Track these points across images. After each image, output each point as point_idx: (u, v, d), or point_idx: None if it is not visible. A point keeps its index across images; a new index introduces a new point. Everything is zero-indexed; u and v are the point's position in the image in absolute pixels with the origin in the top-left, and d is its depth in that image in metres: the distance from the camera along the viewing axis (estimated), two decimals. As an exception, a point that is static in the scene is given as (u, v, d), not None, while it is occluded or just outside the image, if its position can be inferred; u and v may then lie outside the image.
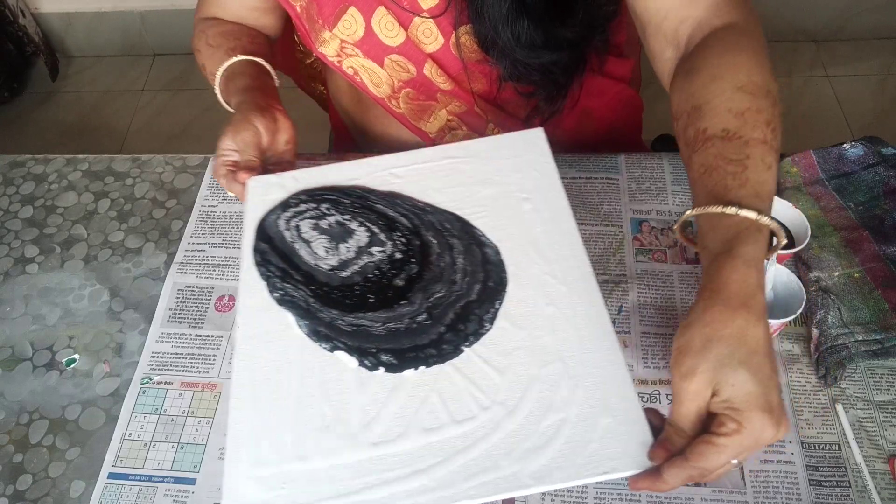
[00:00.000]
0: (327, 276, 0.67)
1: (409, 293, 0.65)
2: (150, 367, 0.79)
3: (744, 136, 0.57)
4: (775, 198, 0.77)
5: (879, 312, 0.74)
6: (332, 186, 0.75)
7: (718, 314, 0.50)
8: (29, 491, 0.72)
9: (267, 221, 0.72)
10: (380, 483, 0.53)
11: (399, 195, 0.73)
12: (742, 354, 0.48)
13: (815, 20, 2.06)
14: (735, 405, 0.48)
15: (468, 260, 0.67)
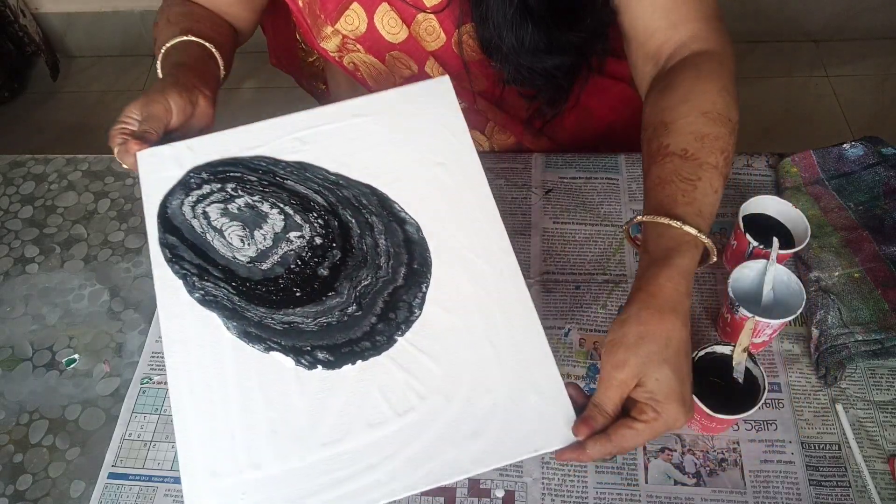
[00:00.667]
0: (247, 269, 0.64)
1: (335, 283, 0.63)
2: (150, 367, 0.79)
3: (700, 158, 0.63)
4: (775, 197, 0.78)
5: (879, 312, 0.74)
6: (235, 159, 0.69)
7: (651, 316, 0.56)
8: (29, 491, 0.72)
9: (170, 209, 0.67)
10: (333, 483, 0.55)
11: (309, 166, 0.68)
12: (668, 354, 0.55)
13: (815, 20, 2.06)
14: (657, 397, 0.55)
15: (390, 240, 0.65)
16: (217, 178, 0.68)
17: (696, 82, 0.69)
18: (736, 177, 0.90)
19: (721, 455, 0.70)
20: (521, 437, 0.56)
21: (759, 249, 0.74)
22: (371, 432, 0.57)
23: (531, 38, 0.75)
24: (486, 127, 0.94)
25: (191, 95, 0.73)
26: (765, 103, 1.96)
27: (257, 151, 0.69)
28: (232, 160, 0.69)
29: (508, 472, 0.70)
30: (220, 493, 0.55)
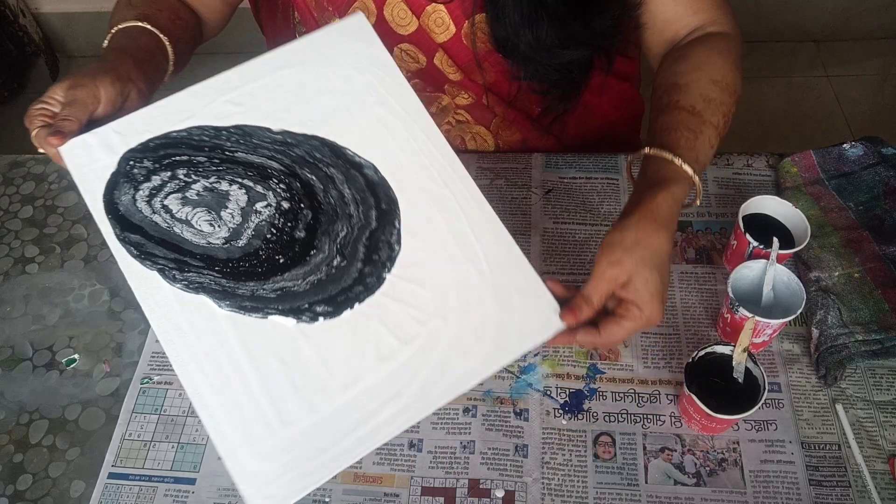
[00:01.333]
0: (225, 251, 0.63)
1: (314, 241, 0.64)
2: (150, 367, 0.79)
3: (704, 116, 0.71)
4: (775, 198, 0.78)
5: (879, 312, 0.74)
6: (171, 136, 0.66)
7: (648, 227, 0.63)
8: (29, 491, 0.72)
9: (122, 205, 0.64)
10: (364, 418, 0.58)
11: (250, 129, 0.67)
12: (657, 261, 0.62)
13: (815, 20, 2.06)
14: (643, 296, 0.61)
15: (354, 187, 0.66)
16: (164, 165, 0.66)
17: (710, 55, 0.76)
18: (736, 177, 0.90)
19: (721, 455, 0.70)
20: (516, 335, 0.61)
21: (759, 249, 0.74)
22: (384, 365, 0.60)
23: (548, 35, 0.75)
24: (491, 123, 0.93)
25: (124, 87, 0.68)
26: (765, 103, 1.96)
27: (190, 122, 0.67)
28: (171, 139, 0.66)
29: (508, 471, 0.70)
30: (264, 457, 0.57)
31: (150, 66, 0.74)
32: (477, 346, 0.61)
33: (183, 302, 0.61)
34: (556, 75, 0.81)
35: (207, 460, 0.72)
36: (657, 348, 0.77)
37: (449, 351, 0.60)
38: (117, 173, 0.65)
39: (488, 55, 0.84)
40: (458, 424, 0.73)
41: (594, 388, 0.74)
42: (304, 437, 0.57)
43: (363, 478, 0.71)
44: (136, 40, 0.74)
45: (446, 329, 0.61)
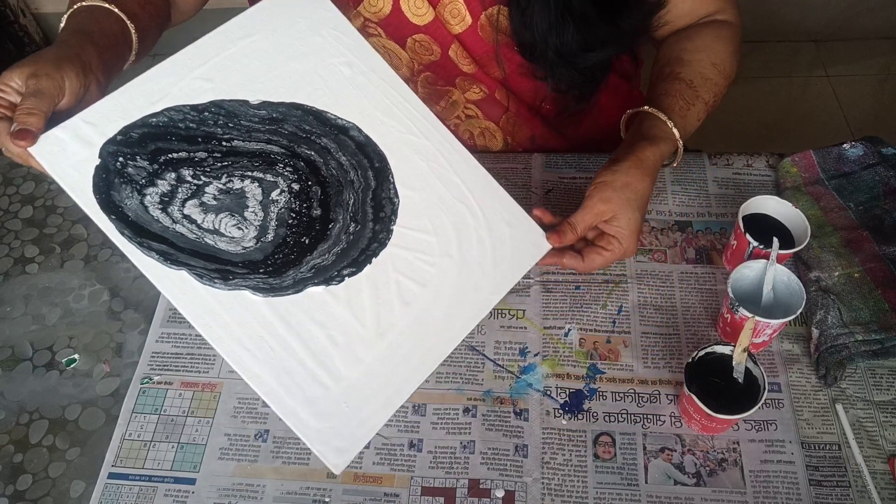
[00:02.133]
0: (260, 250, 0.65)
1: (330, 214, 0.67)
2: (150, 367, 0.79)
3: (699, 92, 0.80)
4: (775, 197, 0.78)
5: (879, 312, 0.74)
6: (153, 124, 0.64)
7: (637, 173, 0.73)
8: (29, 491, 0.72)
9: (129, 210, 0.62)
10: (403, 359, 0.64)
11: (232, 108, 0.67)
12: (640, 203, 0.73)
13: (815, 20, 2.06)
14: (624, 232, 0.72)
15: (347, 153, 0.69)
16: (162, 164, 0.65)
17: (714, 41, 0.84)
18: (736, 177, 0.90)
19: (721, 455, 0.70)
20: (513, 261, 0.70)
21: (759, 249, 0.74)
22: (409, 308, 0.66)
23: (573, 39, 0.76)
24: (501, 118, 0.93)
25: (87, 78, 0.63)
26: (765, 103, 1.96)
27: (163, 104, 0.65)
28: (153, 126, 0.64)
29: (508, 471, 0.70)
30: (324, 414, 0.61)
31: (112, 54, 0.69)
32: (483, 277, 0.69)
33: (222, 300, 0.63)
34: (580, 78, 0.82)
35: (207, 460, 0.72)
36: (657, 348, 0.77)
37: (459, 284, 0.68)
38: (104, 169, 0.63)
39: (505, 47, 0.84)
40: (458, 424, 0.73)
41: (594, 388, 0.74)
42: (355, 387, 0.62)
43: (363, 478, 0.71)
44: (100, 24, 0.69)
45: (452, 266, 0.68)
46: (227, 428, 0.74)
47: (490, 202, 0.71)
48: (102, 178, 0.63)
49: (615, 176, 0.72)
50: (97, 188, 0.62)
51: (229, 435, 0.73)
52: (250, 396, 0.76)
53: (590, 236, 0.76)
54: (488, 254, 0.70)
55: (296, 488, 0.70)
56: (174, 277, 0.62)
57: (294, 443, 0.73)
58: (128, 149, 0.64)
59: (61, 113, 0.62)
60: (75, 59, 0.63)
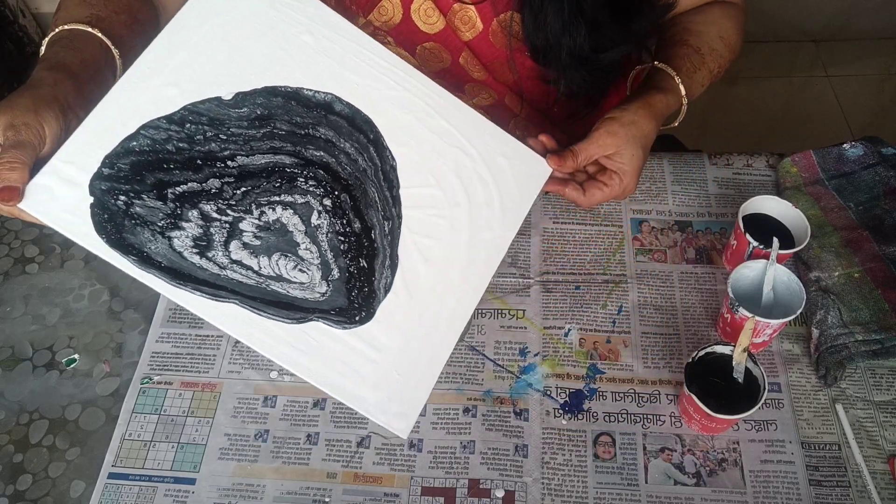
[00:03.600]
0: (338, 292, 0.65)
1: (367, 221, 0.67)
2: (150, 367, 0.79)
3: (706, 59, 0.82)
4: (775, 197, 0.78)
5: (879, 312, 0.74)
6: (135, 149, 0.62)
7: (645, 114, 0.74)
8: (29, 491, 0.72)
9: (167, 260, 0.61)
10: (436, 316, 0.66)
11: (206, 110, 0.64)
12: (645, 142, 0.74)
13: (815, 20, 2.06)
14: (626, 168, 0.73)
15: (345, 137, 0.68)
16: (173, 199, 0.62)
17: (722, 18, 0.87)
18: (736, 177, 0.90)
19: (721, 455, 0.70)
20: (517, 192, 0.71)
21: (759, 249, 0.74)
22: (431, 266, 0.67)
23: (586, 40, 0.76)
24: (510, 123, 0.93)
25: (66, 119, 0.60)
26: (765, 103, 1.96)
27: (135, 122, 0.62)
28: (137, 152, 0.62)
29: (508, 471, 0.70)
30: (377, 386, 0.63)
31: (94, 86, 0.65)
32: (492, 216, 0.70)
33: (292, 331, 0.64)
34: (592, 79, 0.82)
35: (207, 460, 0.72)
36: (657, 348, 0.77)
37: (473, 230, 0.69)
38: (101, 207, 0.60)
39: (516, 52, 0.84)
40: (458, 424, 0.73)
41: (594, 388, 0.74)
42: (401, 354, 0.64)
43: (363, 478, 0.71)
44: (81, 53, 0.65)
45: (462, 211, 0.69)
46: (227, 428, 0.74)
47: (483, 139, 0.71)
48: (105, 218, 0.60)
49: (623, 113, 0.73)
50: (100, 228, 0.60)
51: (229, 435, 0.73)
52: (250, 396, 0.76)
53: (591, 170, 0.76)
54: (493, 192, 0.70)
55: (296, 488, 0.70)
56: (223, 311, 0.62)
57: (294, 443, 0.73)
58: (125, 185, 0.61)
59: (42, 159, 0.59)
60: (52, 102, 0.59)
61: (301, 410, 0.75)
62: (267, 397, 0.76)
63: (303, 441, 0.73)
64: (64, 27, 0.66)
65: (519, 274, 0.82)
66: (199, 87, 0.65)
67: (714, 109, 1.90)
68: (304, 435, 0.73)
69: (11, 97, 0.59)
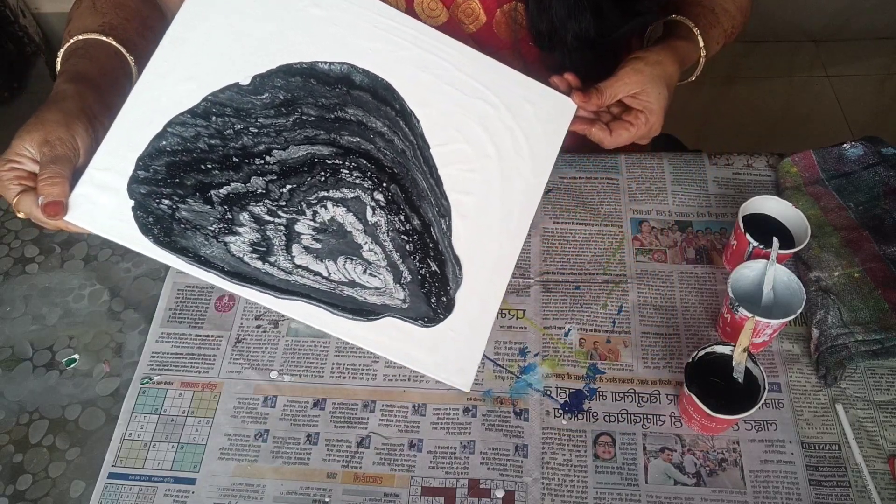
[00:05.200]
0: (418, 297, 0.66)
1: (422, 214, 0.67)
2: (150, 367, 0.79)
3: (720, 19, 0.83)
4: (775, 197, 0.78)
5: (879, 312, 0.74)
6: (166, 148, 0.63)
7: (668, 57, 0.75)
8: (29, 491, 0.72)
9: (229, 265, 0.62)
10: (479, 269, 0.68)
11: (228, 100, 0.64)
12: (670, 81, 0.75)
13: (815, 20, 2.05)
14: (652, 107, 0.73)
15: (374, 114, 0.67)
16: (221, 202, 0.63)
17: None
18: (736, 177, 0.90)
19: (721, 455, 0.70)
20: (544, 136, 0.71)
21: (759, 249, 0.74)
22: (468, 221, 0.68)
23: (591, 22, 0.76)
24: None
25: (95, 130, 0.62)
26: (765, 103, 1.96)
27: (160, 121, 0.63)
28: (168, 151, 0.62)
29: (508, 471, 0.70)
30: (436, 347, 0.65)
31: (113, 94, 0.66)
32: (523, 162, 0.69)
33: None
34: (597, 63, 0.81)
35: (207, 460, 0.72)
36: (657, 348, 0.77)
37: (505, 179, 0.69)
38: (144, 210, 0.61)
39: (522, 42, 0.84)
40: (458, 424, 0.73)
41: (594, 388, 0.74)
42: (452, 312, 0.66)
43: (363, 478, 0.71)
44: (99, 63, 0.67)
45: (494, 164, 0.69)
46: (227, 428, 0.74)
47: (504, 86, 0.70)
48: (150, 221, 0.62)
49: (648, 53, 0.74)
50: (146, 230, 0.61)
51: (229, 435, 0.73)
52: (250, 396, 0.76)
53: (614, 111, 0.76)
54: (520, 138, 0.70)
55: (296, 488, 0.70)
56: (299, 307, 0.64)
57: (294, 443, 0.73)
58: (165, 188, 0.62)
59: (78, 170, 0.61)
60: (80, 114, 0.61)
61: (301, 410, 0.75)
62: (267, 397, 0.76)
63: (303, 441, 0.73)
64: (78, 37, 0.68)
65: (519, 274, 0.82)
66: (217, 77, 0.65)
67: (714, 109, 1.90)
68: (304, 435, 0.73)
69: (40, 114, 0.61)
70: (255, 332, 0.80)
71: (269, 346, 0.79)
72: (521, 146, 0.70)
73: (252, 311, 0.81)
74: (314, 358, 0.78)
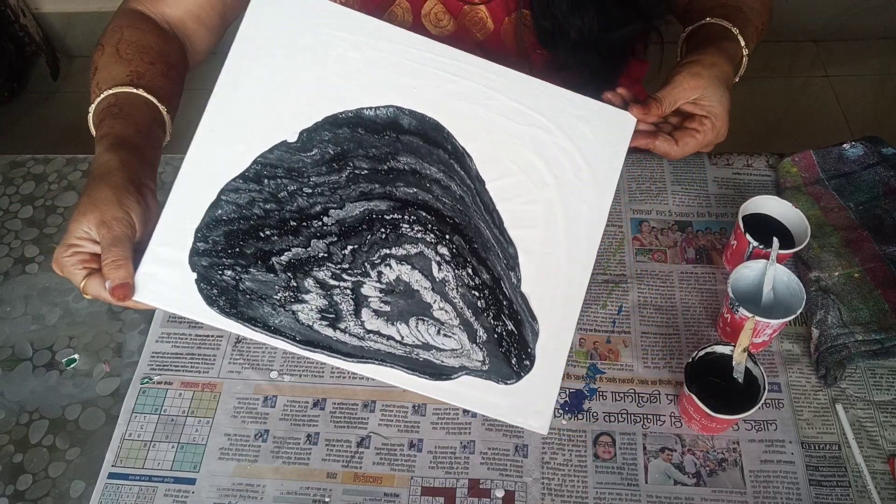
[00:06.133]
0: (498, 357, 0.63)
1: (490, 268, 0.64)
2: (150, 367, 0.79)
3: (749, 16, 0.78)
4: (775, 197, 0.78)
5: (879, 312, 0.74)
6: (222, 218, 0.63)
7: (721, 59, 0.70)
8: (29, 491, 0.72)
9: (301, 335, 0.62)
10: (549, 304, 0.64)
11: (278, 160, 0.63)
12: (728, 82, 0.70)
13: (815, 20, 2.05)
14: (716, 111, 0.68)
15: (427, 159, 0.65)
16: (282, 270, 0.62)
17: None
18: (736, 177, 0.90)
19: (721, 455, 0.70)
20: (604, 155, 0.66)
21: (759, 249, 0.74)
22: (534, 255, 0.64)
23: (594, 19, 0.75)
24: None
25: (145, 197, 0.63)
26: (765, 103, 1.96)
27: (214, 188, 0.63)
28: (226, 220, 0.63)
29: (508, 471, 0.70)
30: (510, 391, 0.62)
31: (152, 151, 0.68)
32: (584, 187, 0.66)
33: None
34: (601, 62, 0.81)
35: (207, 460, 0.72)
36: (657, 348, 0.77)
37: (567, 207, 0.65)
38: (208, 283, 0.62)
39: (530, 50, 0.84)
40: (458, 424, 0.73)
41: (594, 388, 0.74)
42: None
43: (363, 478, 0.71)
44: (134, 120, 0.67)
45: (555, 193, 0.65)
46: (226, 428, 0.74)
47: (556, 107, 0.66)
48: (214, 293, 0.62)
49: (701, 56, 0.69)
50: (210, 301, 0.62)
51: (229, 435, 0.73)
52: (250, 396, 0.76)
53: (674, 121, 0.71)
54: (580, 161, 0.66)
55: (296, 488, 0.70)
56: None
57: (294, 443, 0.73)
58: (226, 258, 0.62)
59: (137, 244, 0.62)
60: (129, 186, 0.61)
61: (301, 410, 0.75)
62: (267, 397, 0.76)
63: (303, 441, 0.73)
64: (109, 92, 0.67)
65: (519, 274, 0.82)
66: (264, 135, 0.64)
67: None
68: (304, 435, 0.73)
69: (91, 192, 0.61)
70: (255, 332, 0.80)
71: (269, 346, 0.79)
72: (581, 170, 0.65)
73: (252, 311, 0.82)
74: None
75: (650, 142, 0.69)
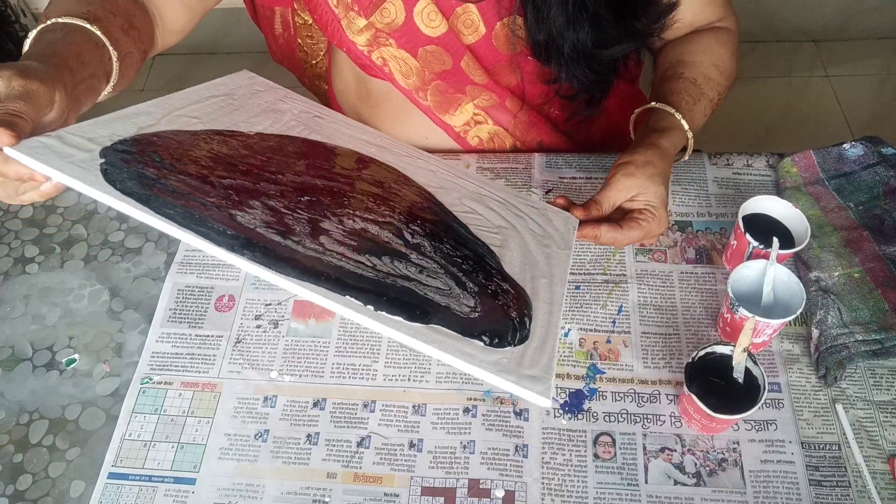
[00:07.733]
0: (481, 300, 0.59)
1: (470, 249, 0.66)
2: (150, 367, 0.79)
3: (703, 90, 0.83)
4: (775, 197, 0.78)
5: (879, 312, 0.74)
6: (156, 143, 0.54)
7: (656, 153, 0.75)
8: (29, 491, 0.72)
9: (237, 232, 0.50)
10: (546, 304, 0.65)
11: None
12: (663, 179, 0.75)
13: (815, 20, 2.05)
14: (654, 203, 0.73)
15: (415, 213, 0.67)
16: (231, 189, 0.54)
17: (715, 45, 0.88)
18: (736, 177, 0.90)
19: (721, 455, 0.70)
20: (556, 236, 0.72)
21: (759, 249, 0.74)
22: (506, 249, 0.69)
23: (588, 35, 0.76)
24: (511, 124, 0.93)
25: (72, 107, 0.55)
26: (765, 103, 1.96)
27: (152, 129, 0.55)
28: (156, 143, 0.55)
29: (508, 471, 0.70)
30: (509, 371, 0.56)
31: (85, 87, 0.59)
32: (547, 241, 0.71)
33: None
34: (593, 77, 0.82)
35: (207, 460, 0.72)
36: (657, 348, 0.77)
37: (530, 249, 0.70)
38: (117, 167, 0.51)
39: (521, 56, 0.84)
40: (458, 424, 0.73)
41: (594, 388, 0.74)
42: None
43: (363, 478, 0.71)
44: (77, 48, 0.58)
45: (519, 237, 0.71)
46: (227, 428, 0.74)
47: (512, 196, 0.76)
48: (122, 176, 0.51)
49: (634, 156, 0.74)
50: (114, 183, 0.50)
51: (229, 435, 0.73)
52: (250, 396, 0.76)
53: (614, 217, 0.75)
54: (535, 222, 0.73)
55: (296, 488, 0.70)
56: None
57: (294, 443, 0.73)
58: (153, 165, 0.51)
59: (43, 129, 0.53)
60: (61, 84, 0.53)
61: (301, 410, 0.75)
62: (267, 397, 0.76)
63: (303, 441, 0.73)
64: (58, 20, 0.59)
65: (519, 274, 0.82)
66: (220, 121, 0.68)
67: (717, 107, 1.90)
68: (304, 435, 0.73)
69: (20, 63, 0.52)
70: (256, 331, 0.80)
71: (269, 346, 0.79)
72: (538, 226, 0.73)
73: (252, 311, 0.81)
74: (314, 358, 0.78)
75: (595, 232, 0.73)
